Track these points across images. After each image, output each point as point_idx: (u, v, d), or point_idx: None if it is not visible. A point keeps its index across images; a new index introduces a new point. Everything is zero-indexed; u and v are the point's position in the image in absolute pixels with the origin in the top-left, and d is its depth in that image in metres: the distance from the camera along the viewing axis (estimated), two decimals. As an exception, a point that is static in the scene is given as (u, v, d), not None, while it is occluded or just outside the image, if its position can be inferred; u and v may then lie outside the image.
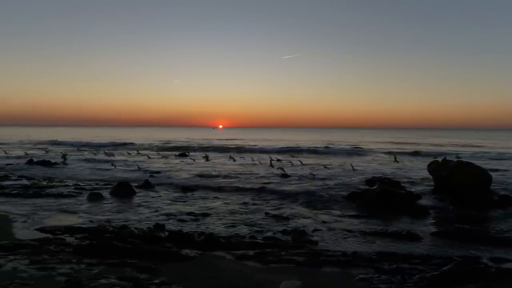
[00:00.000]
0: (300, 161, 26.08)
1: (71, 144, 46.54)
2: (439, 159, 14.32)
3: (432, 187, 14.69)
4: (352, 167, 22.16)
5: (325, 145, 47.54)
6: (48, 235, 8.62)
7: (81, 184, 16.58)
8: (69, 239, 8.15)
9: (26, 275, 5.56)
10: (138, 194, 14.52)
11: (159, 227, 9.02)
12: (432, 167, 14.02)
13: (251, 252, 7.32)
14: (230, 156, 29.55)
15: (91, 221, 10.16)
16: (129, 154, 33.17)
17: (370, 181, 14.92)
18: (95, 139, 58.31)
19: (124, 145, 47.28)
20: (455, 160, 14.43)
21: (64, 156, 26.81)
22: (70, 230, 9.00)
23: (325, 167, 23.31)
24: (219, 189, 15.82)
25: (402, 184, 14.74)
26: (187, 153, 33.74)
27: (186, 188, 15.84)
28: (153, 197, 14.09)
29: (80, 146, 43.51)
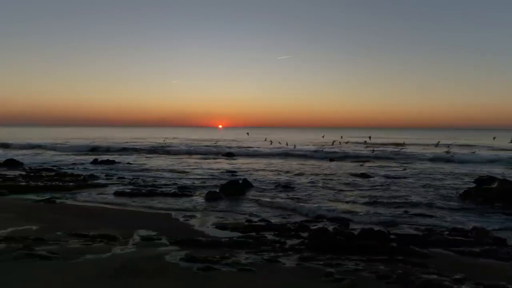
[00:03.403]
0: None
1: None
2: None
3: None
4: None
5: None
6: (235, 233, 8.66)
7: (178, 183, 16.53)
8: (269, 236, 8.16)
9: (335, 270, 5.59)
10: (247, 192, 14.50)
11: (345, 225, 9.06)
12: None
13: (476, 249, 7.37)
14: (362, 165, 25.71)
15: (248, 220, 10.09)
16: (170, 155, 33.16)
17: (478, 181, 15.03)
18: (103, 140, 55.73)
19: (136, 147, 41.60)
20: None
21: None
22: (250, 228, 9.05)
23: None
24: (323, 188, 15.84)
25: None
26: (233, 153, 33.80)
27: (286, 187, 15.86)
28: (268, 195, 14.07)
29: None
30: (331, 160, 29.26)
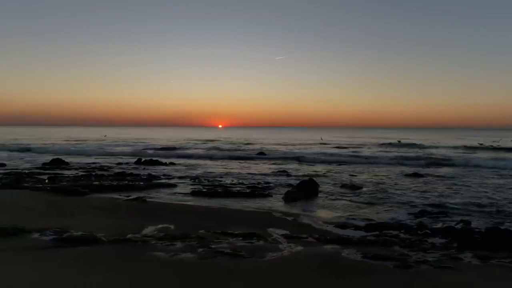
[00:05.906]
0: None
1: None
2: None
3: None
4: None
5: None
6: (359, 231, 8.73)
7: (245, 183, 16.52)
8: (401, 235, 8.21)
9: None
10: (319, 192, 14.51)
11: (467, 223, 9.17)
12: None
13: None
14: None
15: (361, 219, 10.01)
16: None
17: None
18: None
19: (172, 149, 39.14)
20: None
21: None
22: (372, 226, 9.11)
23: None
24: (390, 187, 15.90)
25: None
26: (264, 153, 33.86)
27: (353, 187, 15.89)
28: (343, 194, 14.11)
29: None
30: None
